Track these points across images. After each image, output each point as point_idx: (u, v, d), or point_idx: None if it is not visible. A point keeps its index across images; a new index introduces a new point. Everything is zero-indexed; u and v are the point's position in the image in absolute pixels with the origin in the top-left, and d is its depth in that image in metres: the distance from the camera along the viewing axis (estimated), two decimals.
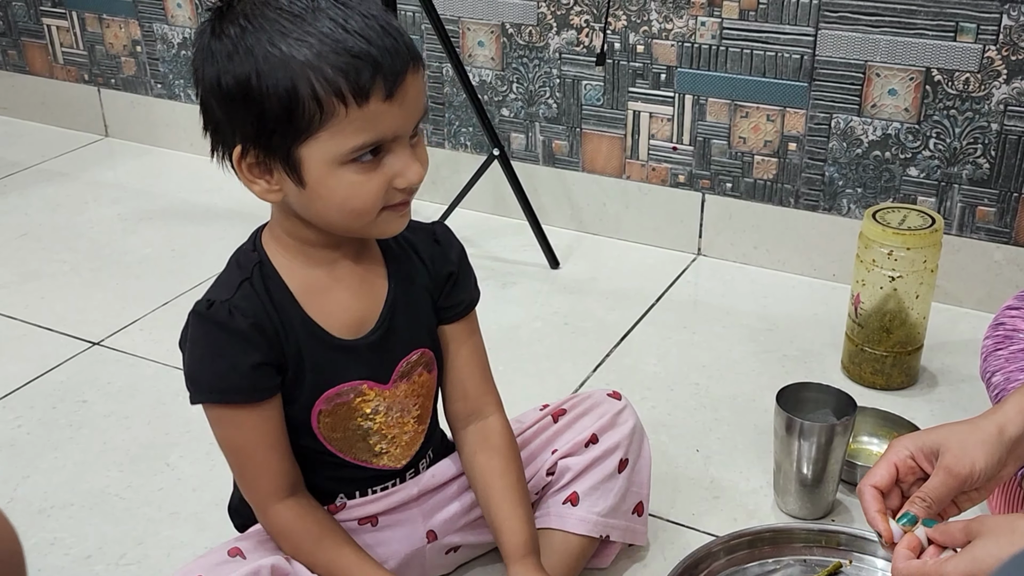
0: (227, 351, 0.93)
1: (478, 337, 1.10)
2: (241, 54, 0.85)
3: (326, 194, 0.89)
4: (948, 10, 1.63)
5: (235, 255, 1.01)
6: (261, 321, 0.94)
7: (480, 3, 2.00)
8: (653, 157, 1.97)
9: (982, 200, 1.73)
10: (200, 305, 0.95)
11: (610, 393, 1.19)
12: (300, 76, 0.84)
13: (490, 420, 1.09)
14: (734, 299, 1.85)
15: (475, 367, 1.09)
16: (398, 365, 1.02)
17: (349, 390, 1.00)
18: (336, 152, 0.87)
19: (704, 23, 1.82)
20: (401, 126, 0.88)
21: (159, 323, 1.81)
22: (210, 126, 0.92)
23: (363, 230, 0.94)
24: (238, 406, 0.95)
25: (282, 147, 0.87)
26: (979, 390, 1.36)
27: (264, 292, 0.95)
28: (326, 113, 0.85)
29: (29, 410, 1.58)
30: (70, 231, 2.17)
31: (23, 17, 2.63)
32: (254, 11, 0.86)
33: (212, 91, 0.88)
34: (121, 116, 2.61)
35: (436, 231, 1.07)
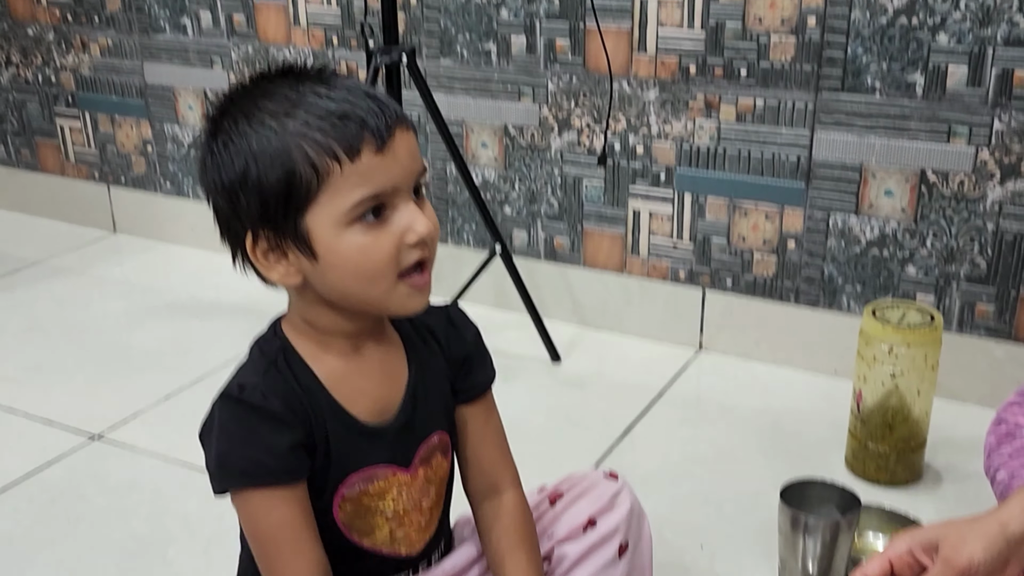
0: (261, 434, 0.92)
1: (495, 414, 1.10)
2: (235, 146, 0.89)
3: (339, 261, 0.90)
4: (941, 114, 1.68)
5: (256, 344, 1.00)
6: (293, 403, 0.93)
7: (484, 107, 2.06)
8: (654, 253, 2.00)
9: (980, 298, 1.75)
10: (231, 389, 0.94)
11: (608, 474, 1.17)
12: (292, 147, 0.87)
13: (505, 496, 1.08)
14: (736, 395, 1.85)
15: (491, 443, 1.09)
16: (419, 449, 1.02)
17: (372, 475, 0.99)
18: (338, 212, 0.88)
19: (702, 125, 1.87)
20: (398, 178, 0.89)
21: (160, 417, 1.81)
22: (223, 227, 0.94)
23: (381, 302, 0.93)
24: (271, 488, 0.93)
25: (289, 222, 0.89)
26: (984, 487, 1.35)
27: (290, 375, 0.95)
28: (321, 174, 0.87)
29: (27, 504, 1.57)
30: (75, 326, 2.18)
31: (37, 117, 2.69)
32: (244, 109, 0.90)
33: (217, 191, 0.91)
34: (130, 213, 2.65)
35: (451, 313, 1.08)
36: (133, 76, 2.49)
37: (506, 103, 2.04)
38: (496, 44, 2.01)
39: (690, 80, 1.85)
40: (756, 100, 1.81)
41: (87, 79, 2.56)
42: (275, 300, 1.01)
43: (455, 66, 2.06)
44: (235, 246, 0.94)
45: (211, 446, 0.94)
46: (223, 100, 0.92)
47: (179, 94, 2.44)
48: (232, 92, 0.93)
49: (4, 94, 2.73)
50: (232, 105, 0.91)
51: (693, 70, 1.85)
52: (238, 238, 0.93)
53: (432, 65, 2.07)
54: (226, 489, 0.94)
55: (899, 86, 1.69)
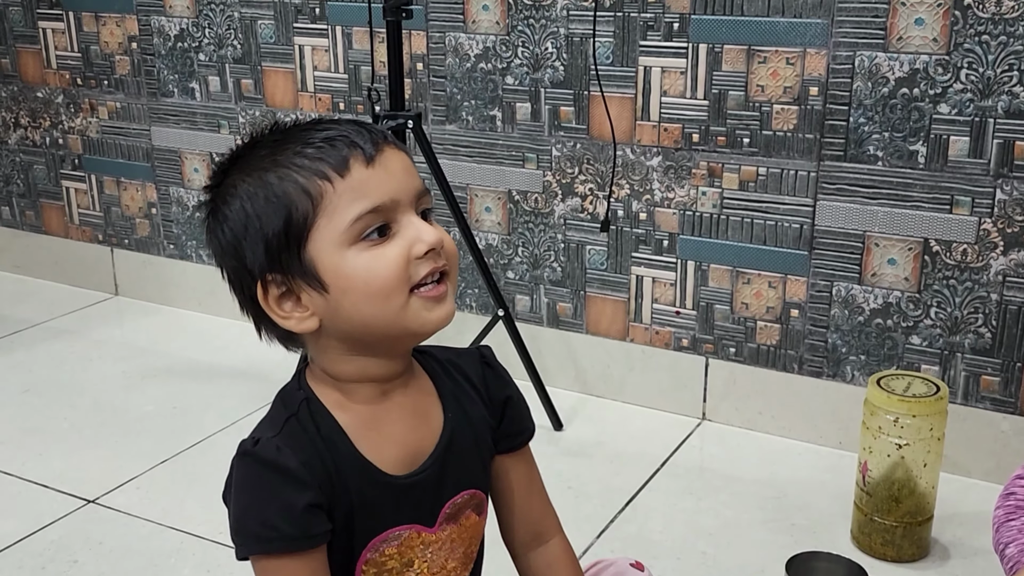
0: (276, 492, 0.88)
1: (534, 463, 1.06)
2: (233, 199, 0.89)
3: (348, 285, 0.87)
4: (943, 184, 1.68)
5: (279, 395, 0.96)
6: (311, 459, 0.89)
7: (488, 172, 2.07)
8: (656, 321, 1.99)
9: (985, 369, 1.73)
10: (245, 444, 0.90)
11: (633, 563, 1.14)
12: (284, 179, 0.87)
13: (551, 544, 1.05)
14: (740, 466, 1.83)
15: (533, 494, 1.05)
16: (445, 506, 0.97)
17: (396, 536, 0.94)
18: (338, 231, 0.86)
19: (705, 192, 1.87)
20: (395, 190, 0.88)
21: (155, 482, 1.79)
22: (237, 291, 0.92)
23: (399, 322, 0.88)
24: (288, 555, 0.89)
25: (293, 258, 0.87)
26: (992, 564, 1.33)
27: (313, 428, 0.91)
28: (315, 197, 0.86)
29: (18, 570, 1.54)
30: (73, 388, 2.17)
31: (43, 179, 2.71)
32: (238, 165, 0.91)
33: (224, 252, 0.91)
34: (132, 275, 2.65)
35: (484, 353, 1.03)
36: (140, 139, 2.51)
37: (510, 168, 2.05)
38: (501, 110, 2.02)
39: (693, 148, 1.86)
40: (759, 168, 1.82)
41: (94, 142, 2.59)
42: (275, 365, 0.99)
43: (460, 132, 2.07)
44: (253, 308, 0.92)
45: (230, 508, 0.91)
46: (220, 164, 0.93)
47: (185, 157, 2.46)
48: (227, 156, 0.93)
49: (11, 156, 2.75)
50: (229, 166, 0.92)
51: (696, 138, 1.86)
52: (252, 295, 0.90)
53: (437, 130, 2.09)
54: (245, 556, 0.90)
55: (901, 155, 1.70)
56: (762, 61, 1.77)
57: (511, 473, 1.03)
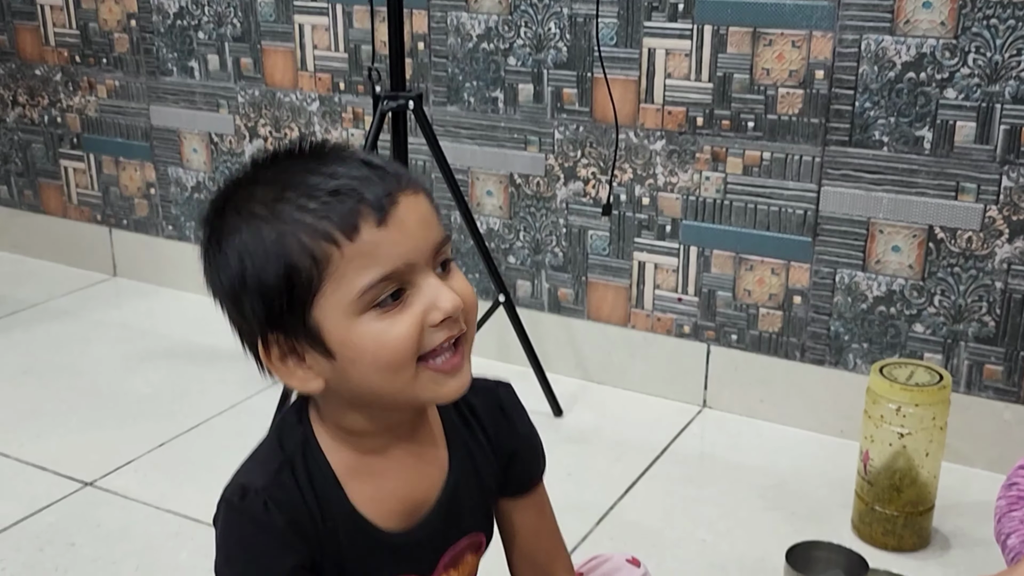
0: (259, 554, 0.84)
1: (548, 505, 1.01)
2: (229, 243, 0.81)
3: (355, 355, 0.80)
4: (949, 170, 1.66)
5: (278, 426, 0.90)
6: (299, 517, 0.84)
7: (489, 155, 2.05)
8: (658, 307, 1.98)
9: (989, 358, 1.72)
10: (233, 493, 0.85)
11: (629, 559, 1.12)
12: (285, 236, 0.78)
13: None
14: (741, 454, 1.82)
15: (543, 534, 1.00)
16: (445, 555, 0.93)
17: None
18: (346, 301, 0.78)
19: (708, 177, 1.86)
20: (409, 252, 0.79)
21: (154, 465, 1.78)
22: (240, 336, 0.86)
23: (408, 393, 0.82)
24: None
25: (297, 321, 0.80)
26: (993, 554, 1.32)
27: (306, 479, 0.86)
28: (321, 263, 0.78)
29: (15, 552, 1.53)
30: (71, 370, 2.16)
31: (41, 158, 2.69)
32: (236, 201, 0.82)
33: (222, 296, 0.84)
34: (130, 256, 2.63)
35: (502, 397, 0.97)
36: (139, 118, 2.49)
37: (512, 151, 2.03)
38: (503, 92, 2.00)
39: (697, 132, 1.85)
40: (763, 153, 1.80)
41: (93, 121, 2.57)
42: None
43: (462, 113, 2.06)
44: (252, 352, 0.86)
45: (216, 544, 0.87)
46: (217, 194, 0.85)
47: (184, 137, 2.44)
48: (226, 184, 0.85)
49: (9, 134, 2.73)
50: (226, 200, 0.83)
51: (700, 121, 1.84)
52: (253, 344, 0.84)
53: (439, 112, 2.07)
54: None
55: (907, 141, 1.68)
56: (768, 44, 1.75)
57: (517, 515, 0.99)
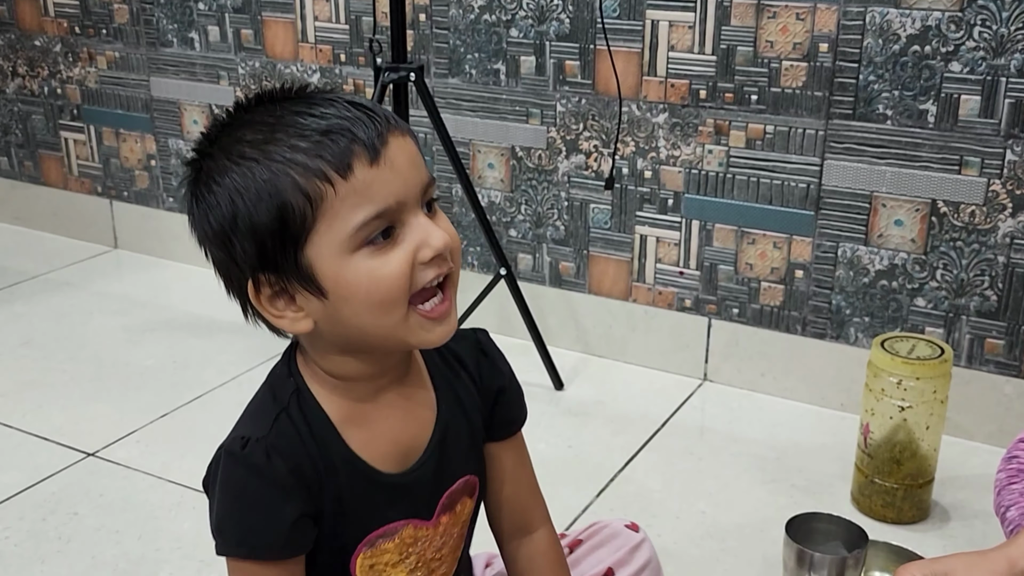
0: (262, 503, 0.84)
1: (526, 453, 1.03)
2: (219, 186, 0.81)
3: (348, 293, 0.81)
4: (952, 144, 1.66)
5: (269, 380, 0.91)
6: (301, 463, 0.85)
7: (491, 127, 2.04)
8: (659, 281, 1.97)
9: (990, 332, 1.72)
10: (233, 444, 0.85)
11: (628, 524, 1.13)
12: (278, 175, 0.79)
13: (537, 536, 1.03)
14: (741, 426, 1.82)
15: (522, 482, 1.02)
16: (442, 497, 0.94)
17: (392, 531, 0.92)
18: (340, 238, 0.80)
19: (711, 151, 1.85)
20: (401, 191, 0.81)
21: (156, 435, 1.79)
22: (224, 279, 0.86)
23: (398, 335, 0.84)
24: (266, 563, 0.86)
25: (289, 260, 0.81)
26: (993, 526, 1.33)
27: (304, 425, 0.87)
28: (315, 201, 0.79)
29: (18, 521, 1.54)
30: (73, 341, 2.16)
31: (41, 130, 2.68)
32: (223, 145, 0.83)
33: (209, 240, 0.84)
34: (131, 228, 2.63)
35: (480, 340, 0.99)
36: (139, 90, 2.48)
37: (514, 124, 2.02)
38: (505, 64, 1.99)
39: (700, 104, 1.84)
40: (766, 126, 1.79)
41: (93, 92, 2.56)
42: None
43: (463, 85, 2.05)
44: (242, 299, 0.87)
45: (213, 502, 0.87)
46: (202, 139, 0.85)
47: (184, 109, 2.43)
48: (210, 129, 0.86)
49: (9, 105, 2.72)
50: (211, 144, 0.84)
51: (703, 94, 1.83)
52: (242, 289, 0.85)
53: (440, 84, 2.06)
54: (225, 555, 0.88)
55: (911, 115, 1.68)
56: (771, 16, 1.74)
57: (499, 461, 1.00)
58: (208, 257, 0.86)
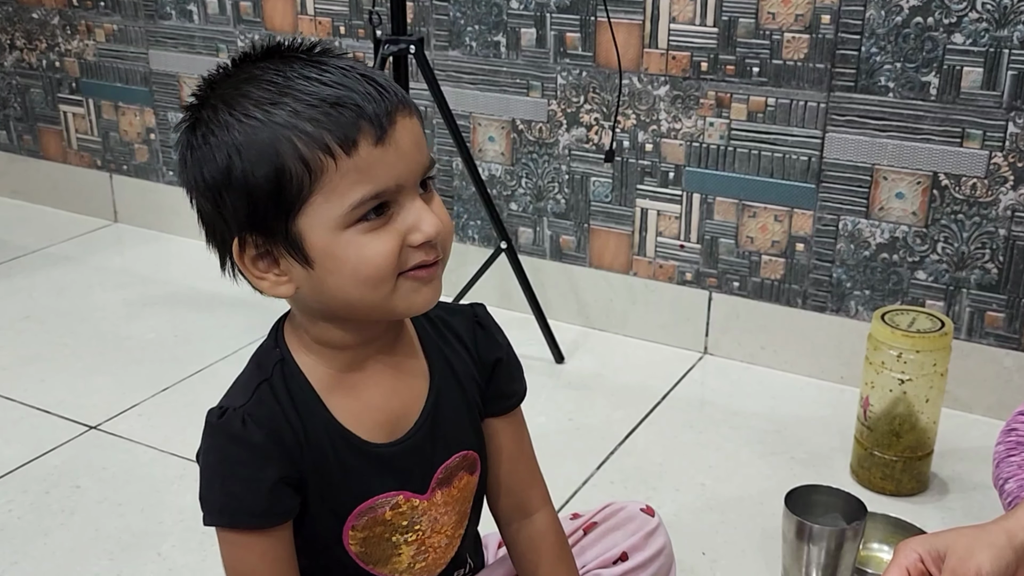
0: (240, 468, 0.84)
1: (526, 430, 1.02)
2: (217, 139, 0.79)
3: (335, 267, 0.80)
4: (954, 116, 1.65)
5: (256, 353, 0.91)
6: (279, 430, 0.85)
7: (492, 100, 2.03)
8: (660, 254, 1.97)
9: (991, 305, 1.72)
10: (211, 414, 0.86)
11: (643, 508, 1.12)
12: (280, 140, 0.77)
13: (537, 518, 1.01)
14: (741, 399, 1.83)
15: (522, 461, 1.01)
16: (437, 471, 0.93)
17: (383, 503, 0.90)
18: (335, 214, 0.79)
19: (712, 123, 1.84)
20: (401, 174, 0.80)
21: (158, 409, 1.79)
22: (207, 230, 0.85)
23: (385, 305, 0.83)
24: (248, 532, 0.86)
25: (279, 226, 0.80)
26: (991, 498, 1.33)
27: (285, 394, 0.86)
28: (314, 172, 0.77)
29: (22, 494, 1.55)
30: (74, 315, 2.16)
31: (40, 103, 2.67)
32: (226, 96, 0.81)
33: (198, 190, 0.83)
34: (131, 202, 2.63)
35: (477, 313, 0.98)
36: (138, 63, 2.47)
37: (514, 97, 2.01)
38: (505, 36, 1.98)
39: (701, 77, 1.83)
40: (768, 99, 1.79)
41: (91, 65, 2.54)
42: None
43: (463, 58, 2.04)
44: (222, 251, 0.86)
45: (200, 473, 0.88)
46: (203, 86, 0.83)
47: (184, 82, 2.42)
48: (213, 77, 0.83)
49: (7, 79, 2.71)
50: (213, 92, 0.82)
51: (705, 66, 1.82)
52: (224, 243, 0.84)
53: (440, 56, 2.05)
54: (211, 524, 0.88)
55: (913, 87, 1.67)
56: None
57: (498, 437, 0.99)
58: (192, 204, 0.85)
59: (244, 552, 0.87)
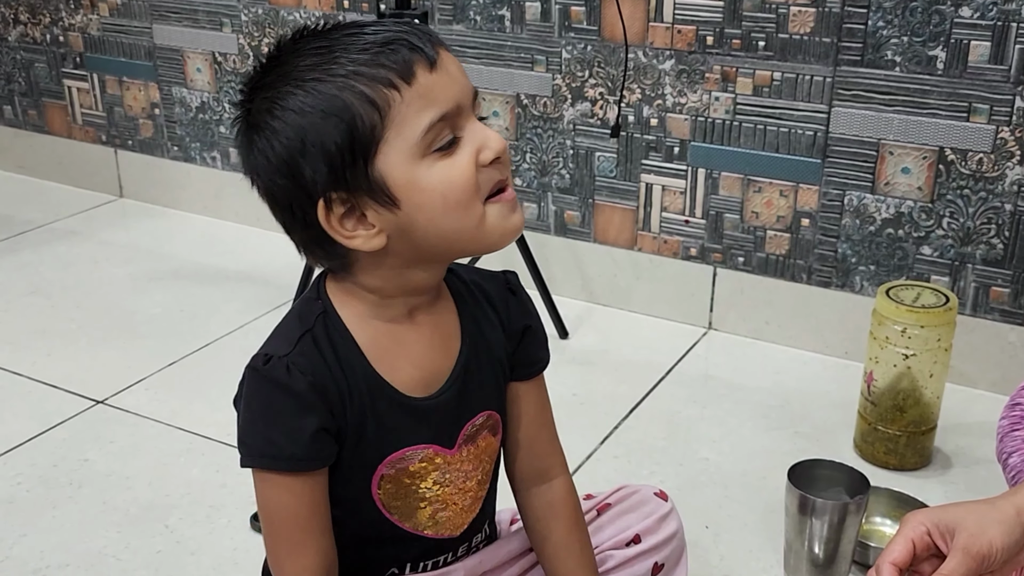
0: (283, 415, 0.86)
1: (547, 396, 1.04)
2: (282, 113, 0.82)
3: (424, 199, 0.83)
4: (961, 91, 1.64)
5: (297, 305, 0.93)
6: (322, 380, 0.87)
7: (496, 74, 2.03)
8: (665, 229, 1.97)
9: (996, 281, 1.72)
10: (256, 360, 0.88)
11: (657, 492, 1.13)
12: (344, 89, 0.81)
13: (555, 484, 1.03)
14: (745, 375, 1.83)
15: (542, 426, 1.03)
16: (464, 428, 0.96)
17: (413, 455, 0.93)
18: (410, 143, 0.82)
19: (718, 98, 1.84)
20: (459, 94, 0.84)
21: (164, 383, 1.80)
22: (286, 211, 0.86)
23: (478, 235, 0.86)
24: (286, 474, 0.88)
25: (360, 175, 0.82)
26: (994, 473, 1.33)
27: (328, 346, 0.89)
28: (383, 109, 0.81)
29: (30, 467, 1.56)
30: (80, 290, 2.17)
31: (44, 78, 2.67)
32: (279, 75, 0.83)
33: (273, 171, 0.84)
34: (136, 177, 2.63)
35: (509, 280, 1.01)
36: (142, 37, 2.46)
37: (519, 71, 2.01)
38: (510, 10, 1.97)
39: (707, 51, 1.82)
40: (773, 73, 1.78)
41: (95, 39, 2.54)
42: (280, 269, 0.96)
43: (468, 31, 2.03)
44: (304, 228, 0.86)
45: (239, 416, 0.90)
46: (252, 78, 0.86)
47: (188, 56, 2.41)
48: (259, 68, 0.86)
49: (12, 53, 2.70)
50: (263, 78, 0.85)
51: (710, 40, 1.81)
52: (306, 216, 0.85)
53: (444, 30, 2.04)
54: (248, 466, 0.90)
55: (920, 61, 1.66)
56: None
57: (521, 401, 1.01)
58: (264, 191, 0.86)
59: (281, 491, 0.89)
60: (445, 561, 1.01)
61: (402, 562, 0.99)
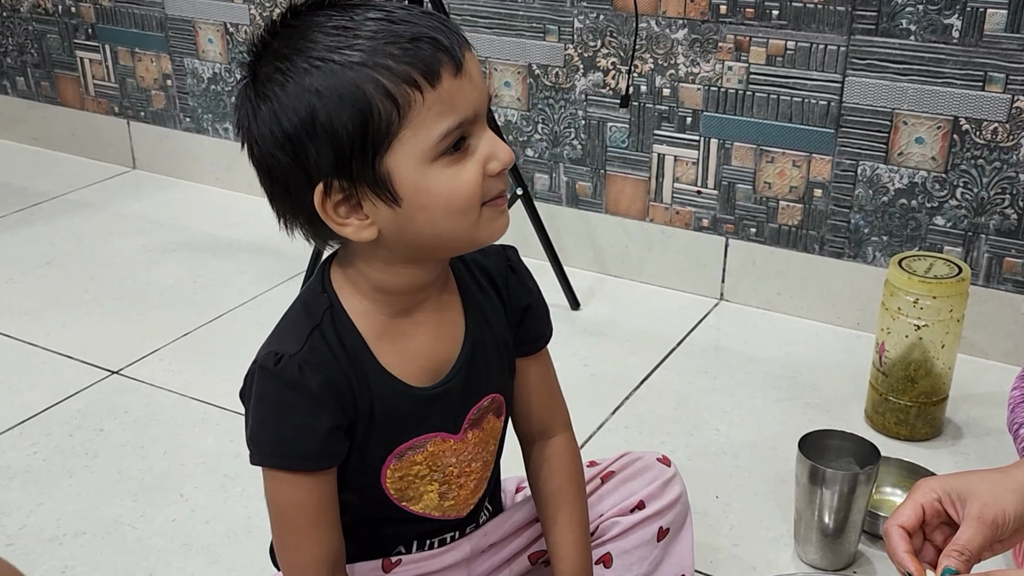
0: (296, 414, 0.86)
1: (550, 364, 1.05)
2: (295, 86, 0.79)
3: (428, 200, 0.82)
4: (976, 60, 1.63)
5: (302, 296, 0.92)
6: (334, 378, 0.87)
7: (507, 44, 2.02)
8: (677, 200, 1.97)
9: (1009, 251, 1.71)
10: (267, 360, 0.87)
11: (660, 458, 1.14)
12: (364, 80, 0.78)
13: (556, 439, 1.06)
14: (756, 345, 1.83)
15: (544, 389, 1.05)
16: (469, 413, 0.96)
17: (421, 443, 0.94)
18: (424, 146, 0.80)
19: (731, 68, 1.83)
20: (476, 102, 0.83)
21: (178, 354, 1.81)
22: (278, 185, 0.84)
23: (470, 235, 0.86)
24: (298, 473, 0.88)
25: (366, 167, 0.80)
26: (1005, 443, 1.34)
27: (336, 342, 0.88)
28: (402, 106, 0.79)
29: (46, 437, 1.58)
30: (94, 261, 2.18)
31: (57, 49, 2.67)
32: (295, 46, 0.80)
33: (274, 143, 0.81)
34: (149, 149, 2.63)
35: (510, 257, 1.01)
36: (153, 8, 2.46)
37: (530, 41, 2.00)
38: None
39: (720, 20, 1.81)
40: (787, 42, 1.76)
41: (107, 11, 2.53)
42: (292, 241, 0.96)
43: (480, 1, 2.02)
44: (293, 205, 0.85)
45: (248, 415, 0.90)
46: (263, 40, 0.83)
47: (199, 27, 2.41)
48: (272, 30, 0.83)
49: (24, 25, 2.70)
50: (277, 44, 0.81)
51: (723, 9, 1.80)
52: (299, 195, 0.83)
53: (456, 0, 2.03)
54: (259, 464, 0.90)
55: (935, 29, 1.64)
56: None
57: (524, 374, 1.03)
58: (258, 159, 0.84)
59: (292, 489, 0.90)
60: (452, 538, 1.03)
61: (409, 540, 1.01)
